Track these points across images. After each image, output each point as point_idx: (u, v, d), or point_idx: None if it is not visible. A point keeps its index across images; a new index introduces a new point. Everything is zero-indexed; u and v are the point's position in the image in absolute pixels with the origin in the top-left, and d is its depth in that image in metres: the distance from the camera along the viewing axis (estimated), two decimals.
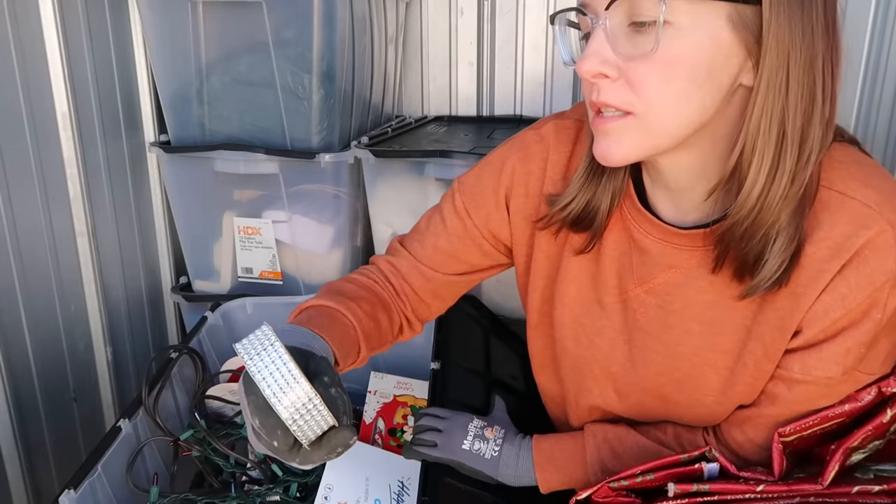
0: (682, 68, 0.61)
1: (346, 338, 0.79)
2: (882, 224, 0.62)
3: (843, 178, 0.65)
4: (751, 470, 0.68)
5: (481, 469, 0.86)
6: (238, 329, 1.34)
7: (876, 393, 0.68)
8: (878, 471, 0.66)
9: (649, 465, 0.70)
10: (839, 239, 0.63)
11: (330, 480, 0.90)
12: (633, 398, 0.81)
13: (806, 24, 0.59)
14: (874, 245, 0.62)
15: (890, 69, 1.59)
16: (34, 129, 1.19)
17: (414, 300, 0.91)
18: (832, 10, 0.61)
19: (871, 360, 0.66)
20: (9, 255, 1.14)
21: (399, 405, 1.21)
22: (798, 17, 0.59)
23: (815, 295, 0.65)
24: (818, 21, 0.60)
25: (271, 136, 1.35)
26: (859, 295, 0.63)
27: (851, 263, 0.63)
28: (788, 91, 0.60)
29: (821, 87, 0.61)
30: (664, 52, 0.60)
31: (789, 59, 0.59)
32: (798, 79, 0.60)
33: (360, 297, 0.85)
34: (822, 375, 0.67)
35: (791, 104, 0.61)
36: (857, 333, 0.64)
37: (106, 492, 0.88)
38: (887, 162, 1.62)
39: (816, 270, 0.64)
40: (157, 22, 1.31)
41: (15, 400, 1.17)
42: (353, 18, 1.35)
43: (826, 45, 0.61)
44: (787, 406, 0.70)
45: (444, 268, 0.90)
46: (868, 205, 0.63)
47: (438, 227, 0.89)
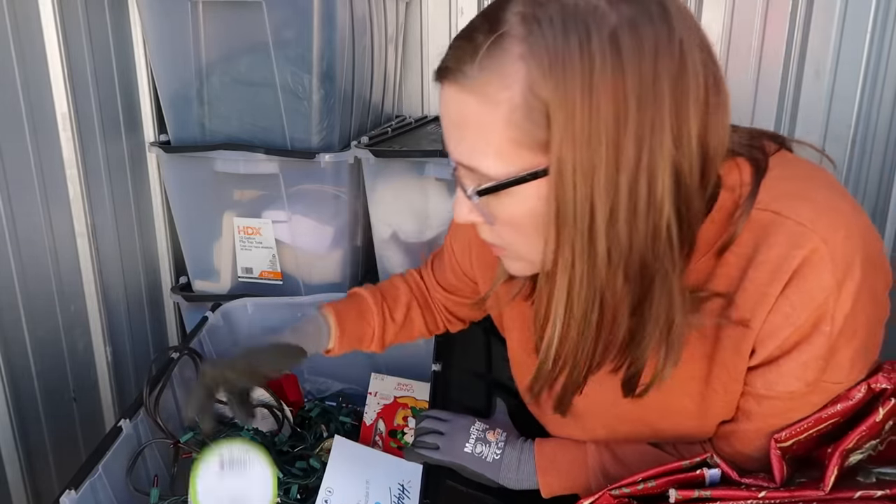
0: (524, 225, 0.63)
1: (359, 322, 1.00)
2: (815, 241, 0.62)
3: (776, 197, 0.65)
4: (753, 476, 0.68)
5: (483, 472, 0.86)
6: (239, 329, 1.34)
7: (866, 390, 0.68)
8: (879, 474, 0.66)
9: (651, 472, 0.70)
10: (777, 261, 0.64)
11: (330, 483, 0.90)
12: (620, 429, 0.81)
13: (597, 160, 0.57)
14: (810, 263, 0.62)
15: (890, 69, 1.59)
16: (34, 129, 1.18)
17: (450, 308, 1.05)
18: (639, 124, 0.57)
19: (834, 369, 0.66)
20: (9, 255, 1.14)
21: (399, 406, 1.21)
22: (585, 154, 0.57)
23: (763, 317, 0.65)
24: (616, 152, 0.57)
25: (271, 136, 1.35)
26: (803, 312, 0.63)
27: (791, 283, 0.63)
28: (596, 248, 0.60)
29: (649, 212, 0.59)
30: (502, 217, 0.64)
31: (585, 214, 0.59)
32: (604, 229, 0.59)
33: (394, 295, 1.04)
34: (785, 390, 0.67)
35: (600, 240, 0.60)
36: (811, 348, 0.65)
37: (107, 492, 0.88)
38: (887, 162, 1.62)
39: (760, 294, 0.65)
40: (157, 22, 1.31)
41: (15, 400, 1.17)
42: (353, 18, 1.34)
43: (632, 180, 0.57)
44: (762, 420, 0.71)
45: (460, 292, 1.02)
46: (801, 223, 0.63)
47: (445, 253, 1.01)
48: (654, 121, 0.56)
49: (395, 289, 1.05)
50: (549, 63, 0.56)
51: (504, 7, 0.59)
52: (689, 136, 0.58)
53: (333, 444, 0.98)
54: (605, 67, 0.55)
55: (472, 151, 0.61)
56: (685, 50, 0.57)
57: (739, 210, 0.65)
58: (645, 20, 0.56)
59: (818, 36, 1.62)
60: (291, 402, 1.18)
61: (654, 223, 0.59)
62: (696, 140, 0.58)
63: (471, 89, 0.59)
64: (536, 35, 0.56)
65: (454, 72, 0.60)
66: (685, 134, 0.58)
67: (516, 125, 0.58)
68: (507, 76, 0.57)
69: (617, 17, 0.56)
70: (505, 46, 0.57)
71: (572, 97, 0.55)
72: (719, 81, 0.60)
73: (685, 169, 0.58)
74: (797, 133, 1.69)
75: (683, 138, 0.58)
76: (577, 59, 0.55)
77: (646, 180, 0.57)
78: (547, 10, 0.56)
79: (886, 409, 0.67)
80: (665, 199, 0.58)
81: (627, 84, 0.55)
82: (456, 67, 0.60)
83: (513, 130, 0.58)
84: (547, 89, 0.56)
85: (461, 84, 0.60)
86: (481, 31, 0.59)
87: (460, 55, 0.60)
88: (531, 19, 0.57)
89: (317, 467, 0.99)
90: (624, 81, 0.55)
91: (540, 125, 0.57)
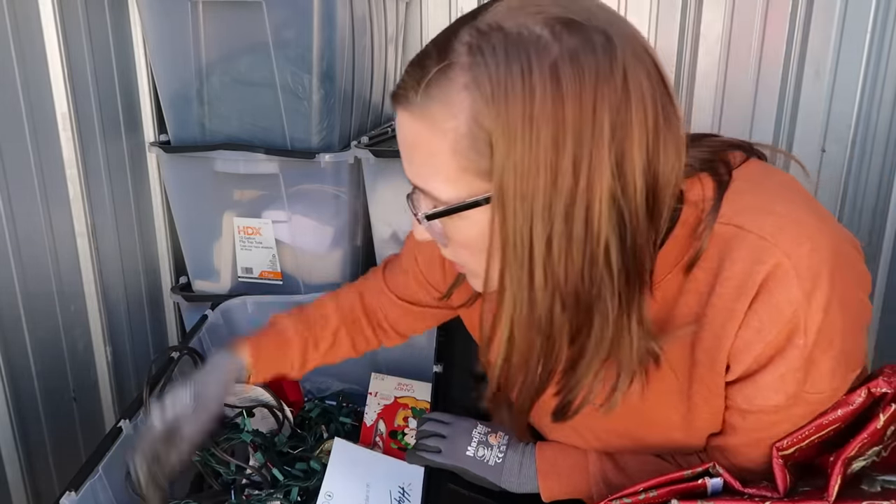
0: (477, 247, 0.64)
1: (279, 353, 0.99)
2: (777, 256, 0.62)
3: (739, 210, 0.65)
4: (755, 486, 0.68)
5: (485, 476, 0.86)
6: (239, 328, 1.34)
7: (866, 394, 0.67)
8: (884, 482, 0.66)
9: (652, 481, 0.69)
10: (741, 276, 0.64)
11: (330, 488, 0.90)
12: (611, 441, 0.81)
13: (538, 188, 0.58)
14: (774, 278, 0.62)
15: (890, 69, 1.59)
16: (34, 129, 1.18)
17: (392, 320, 1.02)
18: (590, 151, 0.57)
19: (815, 380, 0.65)
20: (9, 255, 1.14)
21: (400, 407, 1.21)
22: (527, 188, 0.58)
23: (733, 332, 0.65)
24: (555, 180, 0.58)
25: (271, 136, 1.35)
26: (773, 327, 0.63)
27: (758, 298, 0.63)
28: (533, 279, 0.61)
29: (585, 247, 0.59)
30: (455, 238, 0.66)
31: (527, 249, 0.60)
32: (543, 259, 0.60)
33: (321, 324, 1.02)
34: (766, 404, 0.67)
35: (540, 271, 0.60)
36: (786, 361, 0.64)
37: (107, 493, 0.88)
38: (887, 162, 1.62)
39: (728, 310, 0.65)
40: (157, 22, 1.31)
41: (15, 400, 1.17)
42: (353, 18, 1.34)
43: (572, 203, 0.58)
44: (748, 434, 0.71)
45: (421, 302, 0.98)
46: (763, 237, 0.63)
47: (406, 261, 0.98)
48: (592, 151, 0.57)
49: (322, 317, 1.02)
50: (492, 93, 0.57)
51: (453, 36, 0.60)
52: (632, 166, 0.58)
53: (333, 447, 0.98)
54: (545, 98, 0.56)
55: (424, 175, 0.63)
56: (629, 80, 0.57)
57: (702, 225, 0.65)
58: (587, 51, 0.56)
59: (818, 36, 1.62)
60: (292, 402, 1.18)
61: (590, 252, 0.59)
62: (641, 169, 0.58)
63: (420, 116, 0.61)
64: (480, 65, 0.57)
65: (404, 98, 0.62)
66: (627, 163, 0.58)
67: (462, 153, 0.59)
68: (453, 105, 0.58)
69: (559, 47, 0.56)
70: (451, 76, 0.58)
71: (514, 126, 0.56)
72: (668, 108, 0.60)
73: (627, 198, 0.58)
74: (797, 133, 1.69)
75: (626, 167, 0.58)
76: (519, 89, 0.56)
77: (583, 209, 0.58)
78: (491, 40, 0.57)
79: (887, 415, 0.66)
80: (602, 229, 0.59)
81: (567, 114, 0.56)
82: (405, 94, 0.62)
83: (459, 158, 0.59)
84: (490, 119, 0.57)
85: (410, 111, 0.61)
86: (432, 58, 0.60)
87: (411, 82, 0.61)
88: (476, 49, 0.58)
89: (317, 469, 0.99)
90: (563, 112, 0.56)
91: (484, 154, 0.58)
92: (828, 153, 1.69)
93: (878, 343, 1.69)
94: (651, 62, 0.59)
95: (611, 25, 0.58)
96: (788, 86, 1.67)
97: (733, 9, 1.64)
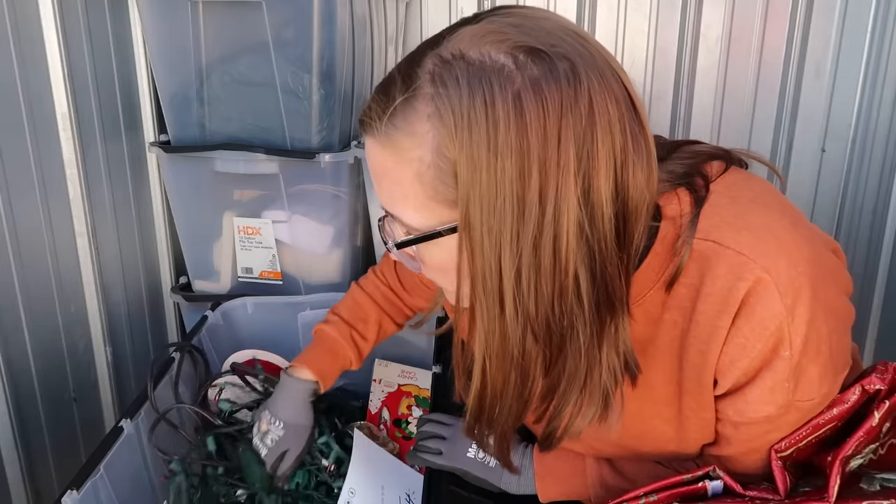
0: (448, 272, 0.63)
1: (336, 362, 1.02)
2: (757, 272, 0.62)
3: (716, 225, 0.65)
4: (756, 488, 0.68)
5: (485, 477, 0.86)
6: (238, 328, 1.34)
7: (860, 392, 0.67)
8: (883, 480, 0.66)
9: (652, 486, 0.69)
10: (722, 293, 0.63)
11: (353, 484, 0.90)
12: (604, 450, 0.81)
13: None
14: (755, 294, 0.62)
15: (890, 69, 1.59)
16: (34, 129, 1.18)
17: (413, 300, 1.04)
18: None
19: (804, 388, 0.65)
20: (9, 255, 1.14)
21: (403, 395, 1.22)
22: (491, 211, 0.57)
23: (718, 349, 0.65)
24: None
25: (271, 136, 1.35)
26: (758, 342, 0.63)
27: (741, 314, 0.63)
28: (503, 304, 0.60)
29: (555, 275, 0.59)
30: (429, 263, 0.66)
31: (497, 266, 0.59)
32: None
33: (363, 318, 1.04)
34: (757, 416, 0.67)
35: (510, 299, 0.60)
36: (774, 373, 0.64)
37: (108, 492, 0.88)
38: (887, 162, 1.62)
39: (712, 327, 0.65)
40: (157, 22, 1.31)
41: (15, 400, 1.17)
42: (353, 18, 1.34)
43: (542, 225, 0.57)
44: (742, 444, 0.71)
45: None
46: (741, 252, 0.63)
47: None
48: (558, 181, 0.56)
49: (362, 311, 1.05)
50: (455, 124, 0.56)
51: (418, 64, 0.59)
52: (599, 195, 0.57)
53: (354, 441, 0.98)
54: (509, 129, 0.55)
55: (394, 202, 0.63)
56: (595, 107, 0.56)
57: (680, 241, 0.65)
58: (551, 80, 0.55)
59: (818, 36, 1.62)
60: None
61: (559, 283, 0.59)
62: (609, 197, 0.57)
63: (385, 144, 0.60)
64: (443, 96, 0.56)
65: (371, 126, 0.61)
66: (594, 192, 0.57)
67: (428, 183, 0.59)
68: (417, 135, 0.58)
69: (521, 78, 0.55)
70: (415, 105, 0.58)
71: (478, 158, 0.56)
72: (637, 133, 0.59)
73: (595, 227, 0.58)
74: (797, 133, 1.70)
75: (593, 196, 0.57)
76: (483, 119, 0.55)
77: (550, 240, 0.57)
78: (454, 69, 0.56)
79: (882, 412, 0.67)
80: (570, 259, 0.58)
81: (531, 145, 0.55)
82: (371, 122, 0.61)
83: (426, 187, 0.59)
84: (454, 150, 0.56)
85: (377, 138, 0.61)
86: (396, 86, 0.60)
87: (377, 109, 0.61)
88: (438, 79, 0.57)
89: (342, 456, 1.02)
90: (528, 142, 0.55)
91: (449, 184, 0.58)
92: (828, 153, 1.69)
93: (878, 343, 1.69)
94: (619, 87, 0.58)
95: (576, 52, 0.57)
96: (788, 86, 1.67)
97: (733, 9, 1.64)
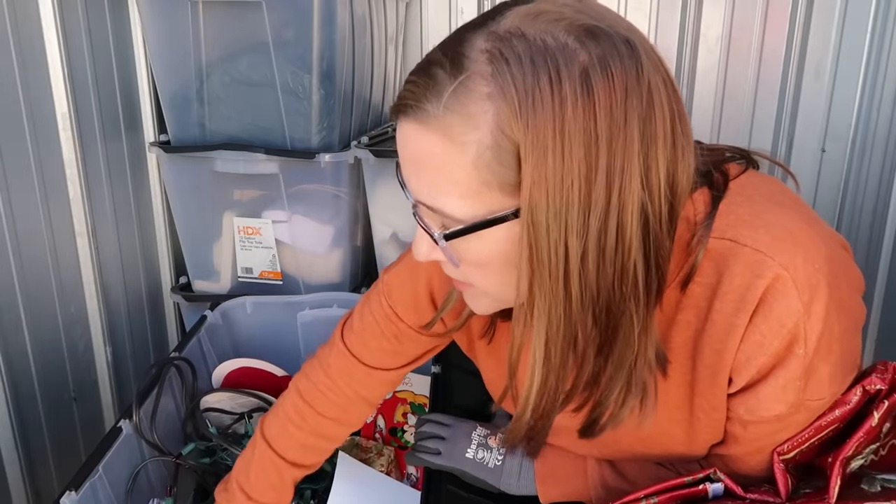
0: (492, 266, 0.61)
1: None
2: (775, 269, 0.61)
3: (732, 224, 0.64)
4: (757, 490, 0.67)
5: (484, 478, 0.86)
6: (238, 328, 1.34)
7: (861, 392, 0.67)
8: (884, 481, 0.66)
9: (653, 488, 0.69)
10: (740, 290, 0.63)
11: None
12: (606, 452, 0.81)
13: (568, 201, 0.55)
14: (774, 291, 0.62)
15: (890, 69, 1.59)
16: (34, 129, 1.18)
17: (354, 406, 0.90)
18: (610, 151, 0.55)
19: (815, 387, 0.65)
20: (9, 255, 1.14)
21: (399, 402, 1.21)
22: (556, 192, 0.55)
23: (735, 347, 0.65)
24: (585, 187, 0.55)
25: (271, 136, 1.35)
26: (775, 339, 0.63)
27: (758, 312, 0.63)
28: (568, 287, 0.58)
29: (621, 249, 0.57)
30: (467, 258, 0.62)
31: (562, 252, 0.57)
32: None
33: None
34: (768, 414, 0.67)
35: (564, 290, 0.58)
36: (787, 372, 0.64)
37: (107, 492, 0.88)
38: (887, 162, 1.62)
39: (728, 325, 0.64)
40: (157, 22, 1.31)
41: (15, 400, 1.17)
42: (353, 18, 1.34)
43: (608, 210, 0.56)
44: (750, 444, 0.70)
45: (392, 364, 0.88)
46: (759, 250, 0.62)
47: (375, 329, 0.87)
48: (623, 163, 0.55)
49: (268, 478, 0.89)
50: (519, 103, 0.54)
51: (465, 43, 0.56)
52: (658, 178, 0.57)
53: (338, 462, 0.97)
54: (577, 107, 0.54)
55: (436, 192, 0.59)
56: (653, 90, 0.56)
57: (695, 239, 0.64)
58: (615, 59, 0.54)
59: (818, 36, 1.62)
60: None
61: (622, 265, 0.58)
62: (664, 181, 0.57)
63: (434, 129, 0.56)
64: (505, 73, 0.54)
65: (414, 109, 0.57)
66: (653, 175, 0.56)
67: (484, 167, 0.56)
68: (474, 116, 0.55)
69: (587, 55, 0.54)
70: (470, 86, 0.55)
71: (544, 138, 0.54)
72: (684, 119, 0.59)
73: (653, 210, 0.57)
74: (797, 133, 1.69)
75: (652, 180, 0.56)
76: (549, 98, 0.53)
77: (615, 222, 0.56)
78: (514, 47, 0.54)
79: (881, 412, 0.67)
80: (633, 241, 0.57)
81: (599, 125, 0.54)
82: (416, 105, 0.57)
83: (481, 172, 0.56)
84: (518, 130, 0.54)
85: (423, 122, 0.57)
86: (442, 67, 0.57)
87: (420, 92, 0.57)
88: (498, 57, 0.54)
89: (328, 470, 0.99)
90: (595, 123, 0.54)
91: (510, 167, 0.55)
92: (828, 153, 1.69)
93: (878, 343, 1.69)
94: (665, 70, 0.58)
95: (631, 33, 0.57)
96: (788, 86, 1.67)
97: (733, 9, 1.64)
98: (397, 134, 0.61)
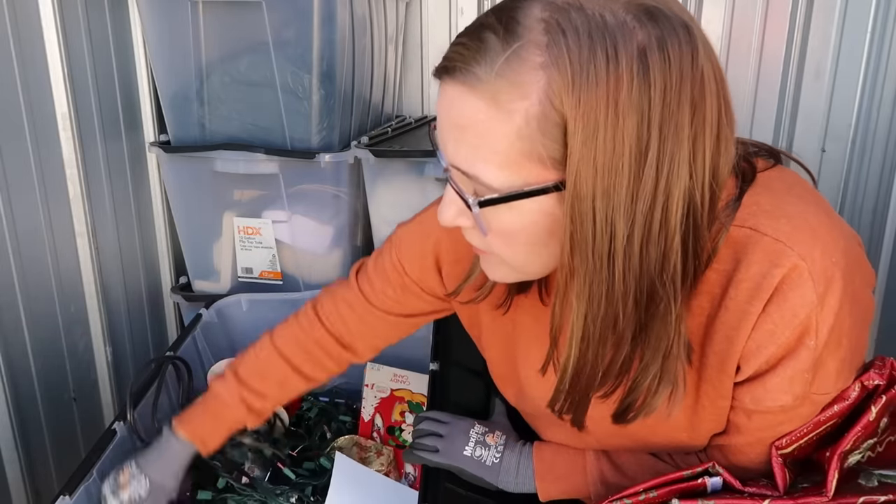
0: (519, 238, 0.61)
1: (219, 423, 0.94)
2: (793, 259, 0.61)
3: (753, 213, 0.64)
4: (755, 484, 0.68)
5: (482, 476, 0.86)
6: (234, 326, 1.34)
7: (860, 388, 0.67)
8: (881, 476, 0.66)
9: (652, 482, 0.69)
10: (756, 279, 0.63)
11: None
12: (610, 442, 0.81)
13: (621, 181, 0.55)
14: (790, 281, 0.61)
15: (890, 69, 1.59)
16: (34, 129, 1.19)
17: (357, 335, 0.94)
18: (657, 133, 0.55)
19: (821, 380, 0.65)
20: (9, 255, 1.14)
21: (396, 400, 1.21)
22: (605, 176, 0.55)
23: (746, 335, 0.65)
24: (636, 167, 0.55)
25: (271, 136, 1.35)
26: (786, 329, 0.63)
27: (772, 301, 0.62)
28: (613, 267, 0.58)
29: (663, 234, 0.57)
30: (495, 227, 0.61)
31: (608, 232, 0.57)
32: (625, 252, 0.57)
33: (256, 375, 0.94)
34: (773, 405, 0.67)
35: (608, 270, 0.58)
36: (796, 362, 0.64)
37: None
38: (887, 162, 1.62)
39: (741, 312, 0.64)
40: (157, 22, 1.31)
41: (15, 400, 1.17)
42: (353, 18, 1.35)
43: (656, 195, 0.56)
44: (752, 434, 0.70)
45: (393, 310, 0.91)
46: (779, 240, 0.62)
47: (383, 275, 0.90)
48: (673, 149, 0.55)
49: (262, 367, 0.95)
50: (573, 76, 0.53)
51: (521, 10, 0.56)
52: (703, 166, 0.57)
53: (335, 462, 0.97)
54: (632, 87, 0.53)
55: (474, 158, 0.58)
56: (705, 78, 0.55)
57: (715, 227, 0.64)
58: (673, 42, 0.54)
59: (818, 36, 1.62)
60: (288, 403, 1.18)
61: (664, 250, 0.58)
62: (709, 166, 0.57)
63: (481, 93, 0.55)
64: (560, 45, 0.53)
65: (463, 72, 0.56)
66: (700, 163, 0.56)
67: (528, 137, 0.55)
68: (524, 85, 0.54)
69: (645, 34, 0.53)
70: (523, 55, 0.54)
71: (595, 115, 0.53)
72: (730, 111, 0.59)
73: (697, 199, 0.57)
74: (797, 133, 1.69)
75: (698, 168, 0.56)
76: (604, 74, 0.53)
77: (661, 208, 0.56)
78: (572, 19, 0.54)
79: (878, 408, 0.67)
80: (678, 224, 0.57)
81: (653, 108, 0.53)
82: (465, 67, 0.56)
83: (524, 142, 0.55)
84: (568, 104, 0.53)
85: (471, 86, 0.56)
86: (495, 32, 0.56)
87: (471, 55, 0.56)
88: (555, 28, 0.54)
89: (327, 466, 0.99)
90: (650, 104, 0.53)
91: (554, 139, 0.55)
92: (828, 153, 1.69)
93: (879, 341, 1.69)
94: (716, 60, 0.58)
95: (686, 15, 0.56)
96: (788, 86, 1.67)
97: (733, 9, 1.64)
98: (440, 95, 0.60)
